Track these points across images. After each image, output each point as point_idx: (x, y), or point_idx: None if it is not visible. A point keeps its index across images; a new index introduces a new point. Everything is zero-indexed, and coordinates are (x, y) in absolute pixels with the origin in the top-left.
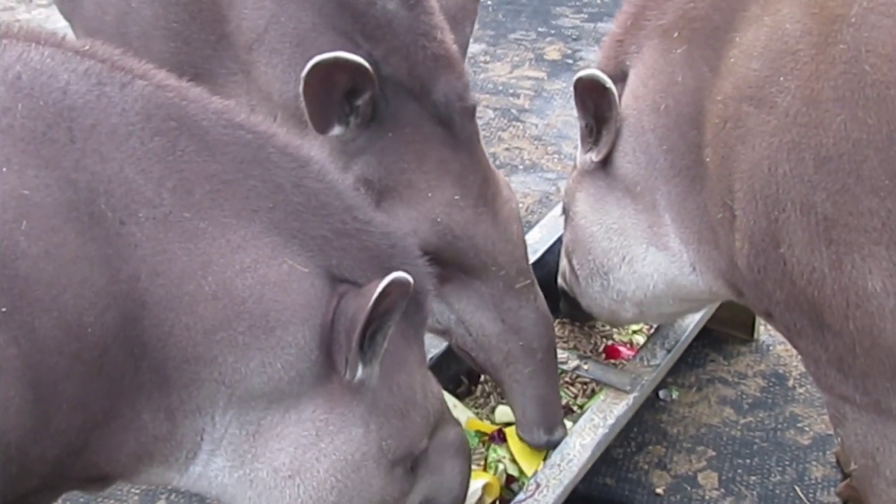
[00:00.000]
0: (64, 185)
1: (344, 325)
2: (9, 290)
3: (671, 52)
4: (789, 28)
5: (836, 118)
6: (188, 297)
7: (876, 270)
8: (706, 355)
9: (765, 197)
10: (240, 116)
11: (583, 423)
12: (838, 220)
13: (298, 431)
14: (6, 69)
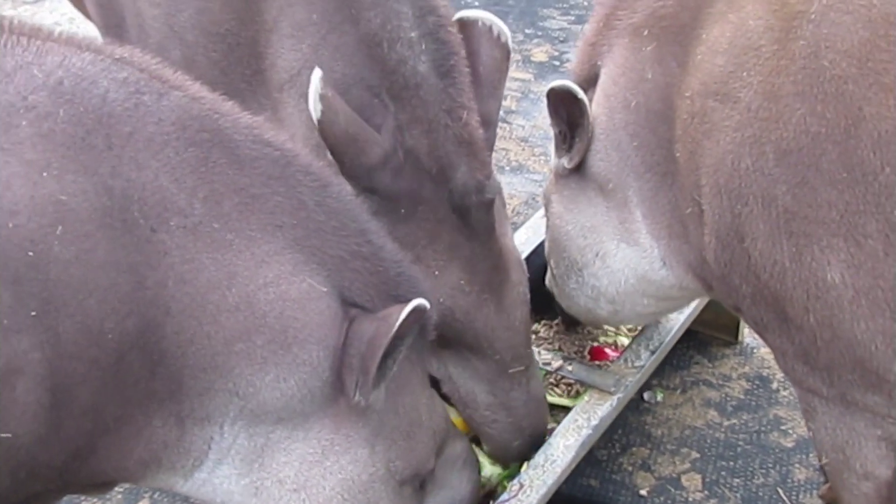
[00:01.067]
0: (100, 191)
1: (358, 349)
2: (39, 295)
3: (641, 50)
4: (752, 24)
5: (795, 112)
6: (212, 306)
7: (834, 262)
8: (690, 357)
9: (729, 191)
10: (268, 133)
11: (567, 423)
12: (798, 212)
13: (305, 448)
14: (48, 74)
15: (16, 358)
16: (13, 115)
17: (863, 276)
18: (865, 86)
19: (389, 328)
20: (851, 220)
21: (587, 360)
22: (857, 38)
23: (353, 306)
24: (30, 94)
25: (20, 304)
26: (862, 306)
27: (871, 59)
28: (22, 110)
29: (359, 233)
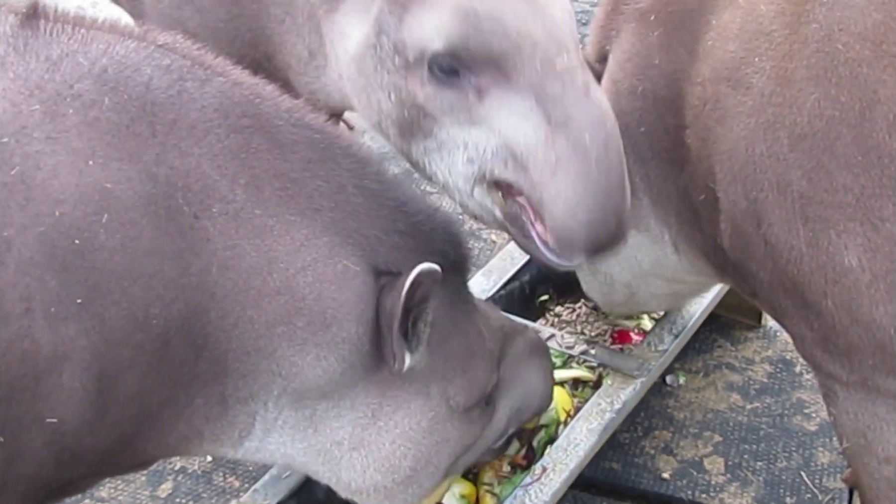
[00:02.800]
0: (145, 178)
1: (385, 319)
2: (84, 282)
3: (648, 36)
4: (763, 9)
5: (809, 96)
6: (255, 291)
7: (851, 246)
8: (713, 341)
9: (743, 178)
10: (308, 116)
11: (590, 407)
12: (814, 197)
13: (354, 414)
14: (93, 62)
15: (62, 344)
16: (60, 104)
17: (880, 259)
18: (880, 68)
19: (398, 296)
20: (867, 204)
21: (610, 344)
22: (871, 20)
23: (390, 275)
24: (76, 82)
25: (67, 291)
26: (880, 290)
27: (885, 41)
28: (68, 98)
29: (396, 208)
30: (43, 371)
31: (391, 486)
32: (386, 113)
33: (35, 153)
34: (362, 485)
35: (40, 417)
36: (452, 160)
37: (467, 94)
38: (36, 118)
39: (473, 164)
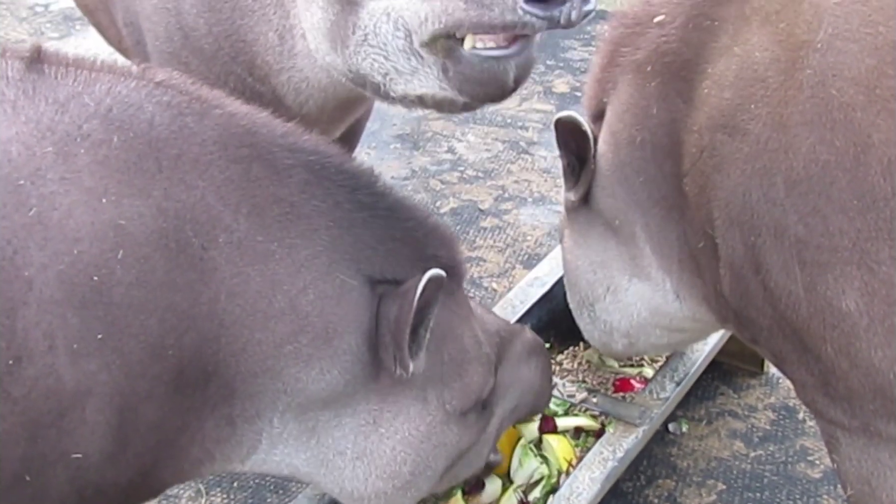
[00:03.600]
0: (156, 213)
1: (388, 327)
2: (104, 318)
3: (645, 86)
4: (758, 56)
5: (805, 141)
6: (262, 314)
7: (848, 290)
8: (716, 388)
9: (741, 223)
10: (302, 139)
11: (592, 456)
12: (810, 241)
13: (356, 422)
14: (99, 102)
15: (85, 380)
16: (71, 145)
17: (877, 303)
18: (873, 113)
19: (410, 305)
20: (864, 247)
21: (612, 392)
22: (864, 65)
23: (385, 283)
24: (84, 122)
25: (87, 327)
26: (878, 334)
27: (878, 86)
28: (78, 139)
29: (387, 216)
30: (67, 407)
31: (391, 491)
32: (317, 25)
33: (50, 194)
34: (364, 492)
35: (65, 453)
36: (383, 39)
37: None
38: (49, 160)
39: (399, 29)
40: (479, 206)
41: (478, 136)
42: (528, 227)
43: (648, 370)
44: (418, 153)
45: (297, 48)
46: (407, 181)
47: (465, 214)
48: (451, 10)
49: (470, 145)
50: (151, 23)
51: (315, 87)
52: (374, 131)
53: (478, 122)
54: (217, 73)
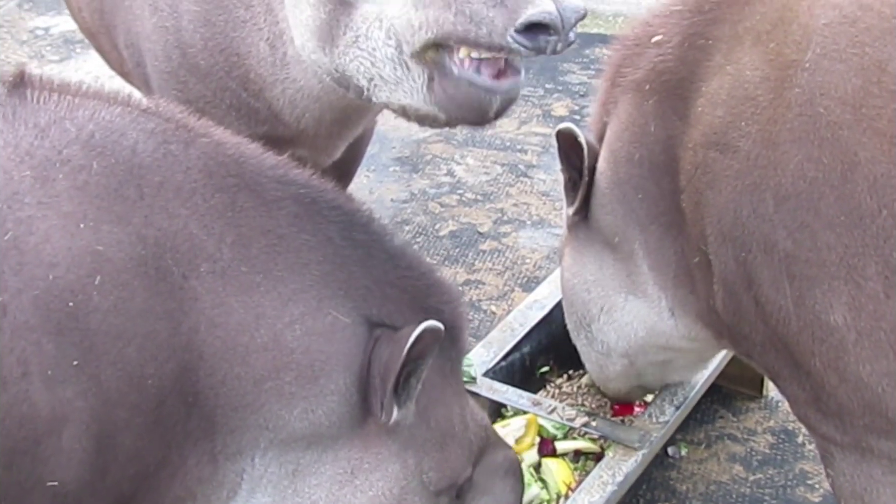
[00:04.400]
0: (135, 240)
1: (379, 370)
2: (80, 344)
3: (643, 105)
4: (749, 75)
5: (793, 159)
6: (242, 348)
7: (836, 305)
8: (715, 412)
9: (732, 239)
10: (293, 171)
11: (591, 480)
12: (799, 256)
13: (335, 469)
14: (80, 128)
15: (61, 407)
16: (50, 169)
17: (864, 318)
18: (860, 131)
19: (401, 351)
20: (851, 263)
21: (611, 416)
22: (851, 85)
23: (383, 326)
24: (64, 148)
25: (63, 354)
26: (865, 348)
27: (864, 105)
28: (58, 164)
29: (386, 259)
30: (42, 434)
31: None
32: (305, 23)
33: (27, 218)
34: None
35: (41, 481)
36: (372, 45)
37: None
38: (27, 184)
39: (391, 38)
40: (478, 228)
41: (477, 159)
42: (527, 249)
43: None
44: (417, 176)
45: (289, 55)
46: (406, 204)
47: (464, 237)
48: (441, 21)
49: (469, 168)
50: (151, 42)
51: (310, 98)
52: (373, 154)
53: (477, 146)
54: (213, 90)
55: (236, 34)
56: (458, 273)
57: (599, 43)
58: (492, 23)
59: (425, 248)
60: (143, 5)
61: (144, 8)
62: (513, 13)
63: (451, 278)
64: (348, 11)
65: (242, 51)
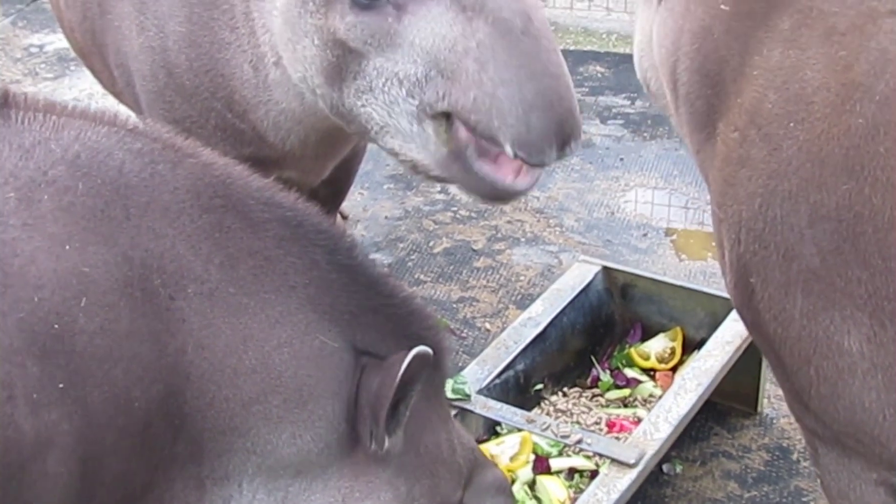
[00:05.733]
0: (121, 261)
1: (368, 399)
2: (66, 367)
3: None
4: (809, 75)
5: (841, 185)
6: (230, 370)
7: (854, 332)
8: (710, 429)
9: (749, 228)
10: (279, 194)
11: (586, 497)
12: (824, 276)
13: (325, 498)
14: (66, 148)
15: (46, 430)
16: (34, 190)
17: (884, 354)
18: None
19: (393, 379)
20: (879, 304)
21: (605, 433)
22: None
23: (367, 355)
24: (49, 168)
25: (48, 377)
26: (877, 379)
27: None
28: (42, 185)
29: (369, 285)
30: (27, 458)
31: None
32: (310, 60)
33: (12, 240)
34: None
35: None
36: (390, 98)
37: (387, 16)
38: (11, 205)
39: (414, 97)
40: (472, 246)
41: None
42: (522, 267)
43: (642, 411)
44: (411, 193)
45: (271, 78)
46: (400, 221)
47: (459, 254)
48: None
49: None
50: (138, 62)
51: (293, 120)
52: (367, 171)
53: None
54: (199, 110)
55: (221, 55)
56: (453, 290)
57: (593, 60)
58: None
59: (419, 265)
60: (131, 25)
61: (132, 28)
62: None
63: (445, 296)
64: (359, 60)
65: (227, 72)
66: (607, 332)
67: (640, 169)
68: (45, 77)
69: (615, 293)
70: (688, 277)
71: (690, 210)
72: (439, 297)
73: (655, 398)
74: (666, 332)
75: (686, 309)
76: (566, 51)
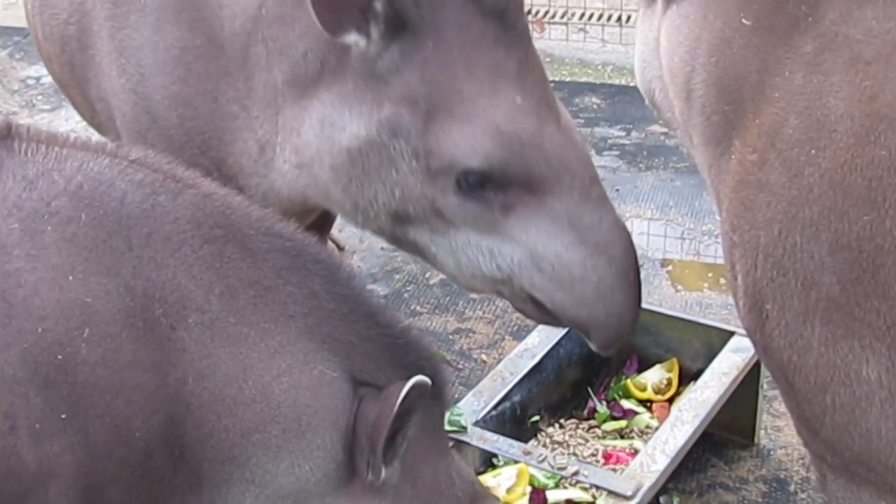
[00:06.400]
0: (123, 292)
1: (366, 429)
2: (68, 397)
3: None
4: (832, 102)
5: (863, 216)
6: (230, 400)
7: (873, 361)
8: (707, 460)
9: (767, 254)
10: (278, 224)
11: None
12: (844, 305)
13: None
14: (69, 180)
15: (48, 461)
16: (38, 221)
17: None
18: None
19: (391, 408)
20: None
21: (602, 464)
22: None
23: (365, 385)
24: (52, 199)
25: (50, 407)
26: (895, 408)
27: None
28: (46, 216)
29: (367, 315)
30: (29, 489)
31: None
32: (383, 203)
33: (15, 271)
34: None
35: None
36: (473, 261)
37: (492, 208)
38: (15, 236)
39: (501, 270)
40: None
41: None
42: None
43: (639, 442)
44: None
45: (276, 163)
46: (396, 252)
47: (455, 286)
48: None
49: None
50: (119, 100)
51: (282, 198)
52: None
53: None
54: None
55: (224, 124)
56: (449, 321)
57: (588, 92)
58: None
59: (416, 296)
60: (111, 64)
61: (112, 67)
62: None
63: (441, 327)
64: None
65: (226, 139)
66: (603, 364)
67: (635, 200)
68: (42, 109)
69: None
70: (684, 308)
71: (686, 241)
72: (435, 329)
73: (652, 430)
74: (662, 364)
75: (682, 340)
76: (562, 82)
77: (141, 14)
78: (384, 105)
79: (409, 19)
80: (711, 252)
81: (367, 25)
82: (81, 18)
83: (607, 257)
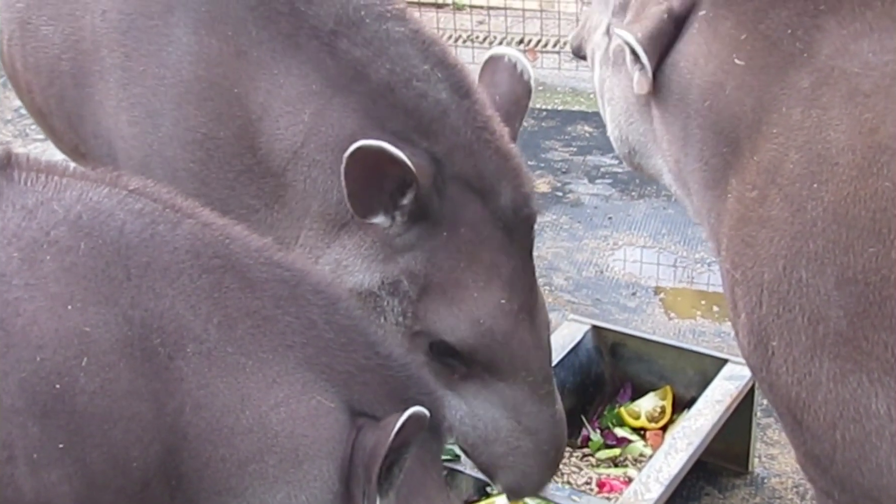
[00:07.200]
0: (121, 321)
1: (362, 459)
2: (66, 427)
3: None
4: (833, 135)
5: (868, 248)
6: (227, 430)
7: (882, 395)
8: (701, 488)
9: (772, 291)
10: (277, 254)
11: None
12: (852, 339)
13: None
14: (68, 209)
15: (46, 491)
16: (37, 251)
17: None
18: None
19: (387, 437)
20: None
21: (596, 493)
22: None
23: (363, 415)
24: (51, 229)
25: (48, 437)
26: None
27: None
28: (45, 245)
29: (366, 346)
30: None
31: None
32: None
33: (14, 300)
34: None
35: None
36: None
37: (453, 372)
38: (14, 265)
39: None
40: None
41: None
42: None
43: (632, 471)
44: None
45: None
46: None
47: None
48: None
49: None
50: (127, 145)
51: None
52: None
53: None
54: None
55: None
56: None
57: (581, 120)
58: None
59: None
60: (120, 111)
61: (121, 113)
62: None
63: None
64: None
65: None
66: (597, 392)
67: (628, 228)
68: (36, 138)
69: (605, 352)
70: (677, 336)
71: (679, 268)
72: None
73: (646, 458)
74: (656, 391)
75: (676, 368)
76: (554, 111)
77: (159, 82)
78: (392, 269)
79: (430, 213)
80: (704, 280)
81: (393, 211)
82: (77, 56)
83: (534, 434)
